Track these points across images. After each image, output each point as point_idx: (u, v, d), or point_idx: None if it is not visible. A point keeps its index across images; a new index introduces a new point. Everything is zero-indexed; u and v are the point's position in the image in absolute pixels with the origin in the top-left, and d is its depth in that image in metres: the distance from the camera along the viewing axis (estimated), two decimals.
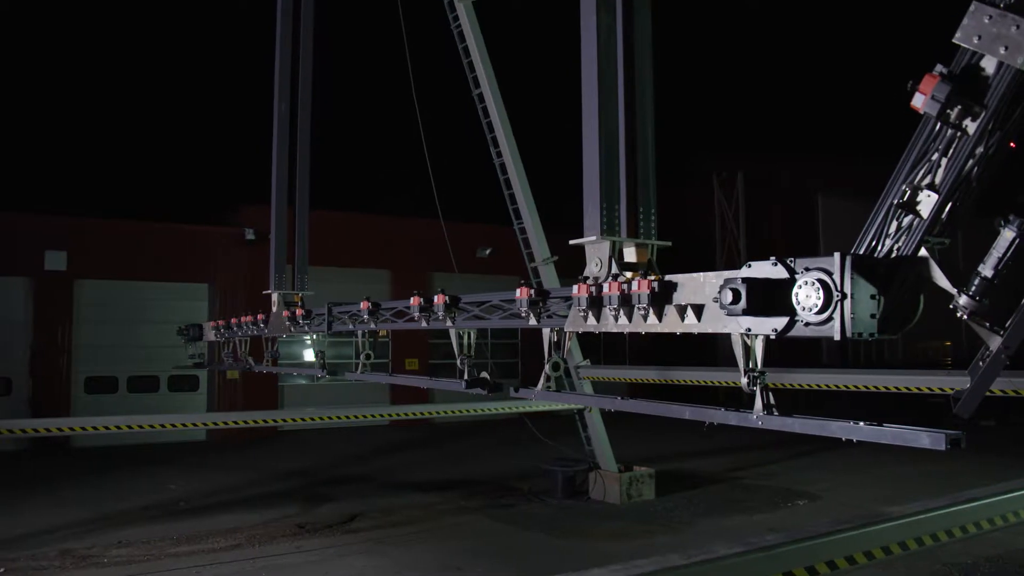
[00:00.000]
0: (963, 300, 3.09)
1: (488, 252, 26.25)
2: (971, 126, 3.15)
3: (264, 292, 10.11)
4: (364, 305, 7.28)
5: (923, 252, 3.25)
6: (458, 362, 6.15)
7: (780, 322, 3.36)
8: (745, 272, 3.53)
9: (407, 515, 12.76)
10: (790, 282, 3.32)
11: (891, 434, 3.30)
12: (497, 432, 21.90)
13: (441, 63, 15.41)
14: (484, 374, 6.02)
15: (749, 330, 3.53)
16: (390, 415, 20.22)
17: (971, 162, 3.17)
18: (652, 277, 4.18)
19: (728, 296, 3.36)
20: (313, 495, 14.35)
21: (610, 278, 4.43)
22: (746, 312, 3.33)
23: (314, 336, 8.86)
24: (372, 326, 7.37)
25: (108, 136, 34.35)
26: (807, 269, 3.27)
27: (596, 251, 4.63)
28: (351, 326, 7.75)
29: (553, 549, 10.94)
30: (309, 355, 22.41)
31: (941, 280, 3.21)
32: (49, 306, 20.54)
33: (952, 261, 3.27)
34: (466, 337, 6.14)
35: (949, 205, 3.24)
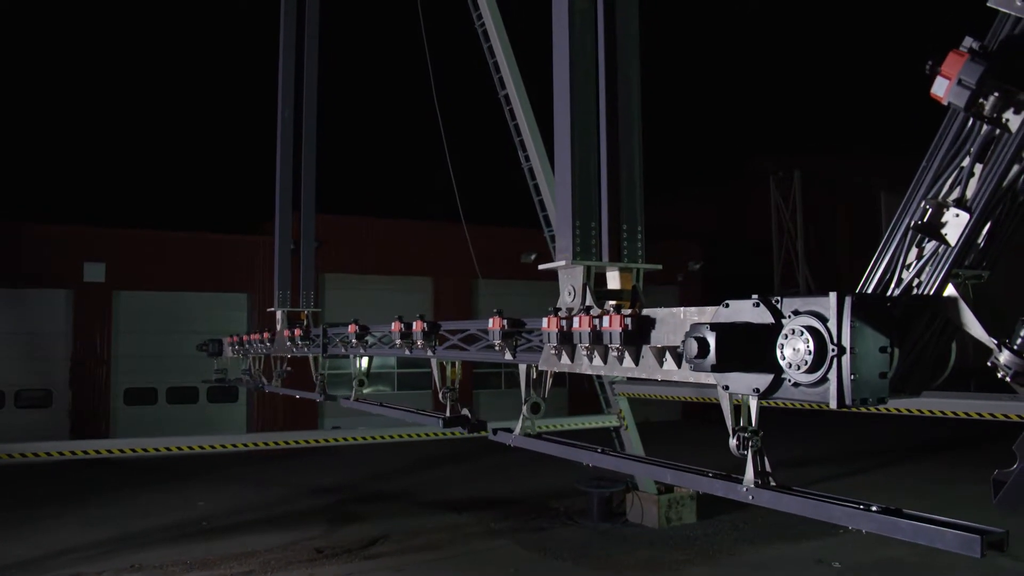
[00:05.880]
0: (1005, 357, 2.27)
1: (533, 257, 25.52)
2: (1014, 120, 2.32)
3: (268, 310, 9.62)
4: (352, 328, 6.67)
5: (951, 290, 2.44)
6: (440, 396, 5.49)
7: (763, 380, 2.60)
8: (722, 314, 2.77)
9: (433, 538, 12.16)
10: (776, 329, 2.56)
11: (910, 528, 2.51)
12: None
13: (466, 64, 14.82)
14: (465, 411, 5.36)
15: (727, 387, 2.77)
16: (423, 435, 19.63)
17: (1015, 168, 2.36)
18: (626, 311, 3.44)
19: (693, 348, 2.60)
20: (340, 514, 13.86)
21: (581, 311, 3.70)
22: (715, 368, 2.58)
23: (312, 357, 8.28)
24: (361, 351, 6.76)
25: (146, 147, 34.75)
26: (796, 313, 2.50)
27: (569, 277, 3.91)
28: (343, 350, 7.16)
29: None
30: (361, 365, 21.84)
31: (974, 328, 2.39)
32: (88, 317, 20.54)
33: (992, 300, 2.47)
34: (449, 368, 5.47)
35: (987, 226, 2.43)
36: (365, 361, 7.16)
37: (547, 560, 11.05)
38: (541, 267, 4.07)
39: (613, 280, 3.99)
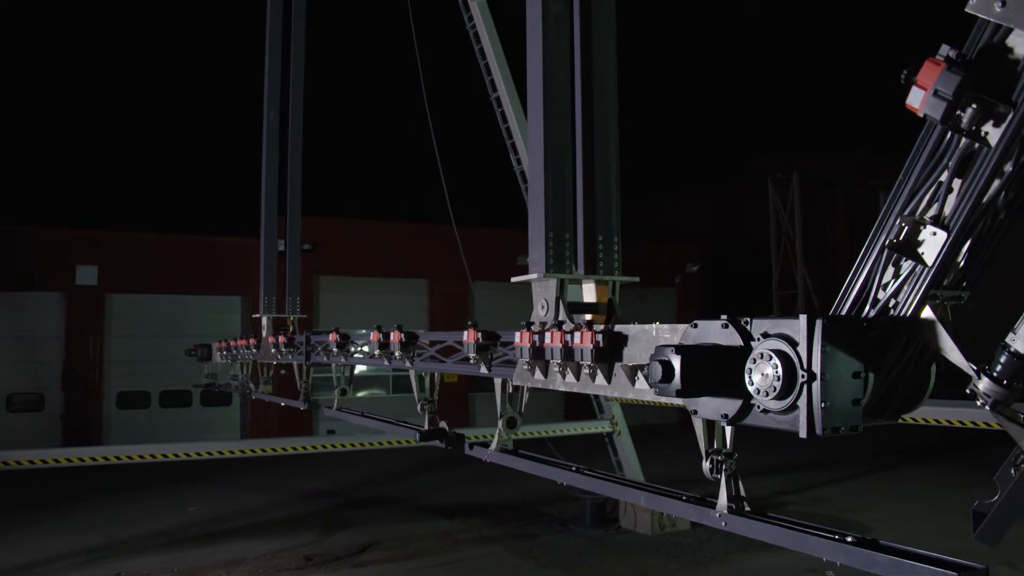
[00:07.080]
0: (984, 384, 2.14)
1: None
2: (994, 133, 2.19)
3: (254, 316, 9.49)
4: (332, 337, 6.56)
5: (928, 312, 2.31)
6: (418, 408, 5.36)
7: (732, 406, 2.47)
8: (691, 335, 2.64)
9: (423, 546, 12.03)
10: (745, 352, 2.43)
11: (887, 563, 2.39)
12: (538, 450, 20.99)
13: (459, 65, 14.69)
14: (443, 424, 5.24)
15: (695, 412, 2.64)
16: (414, 441, 19.53)
17: (996, 184, 2.22)
18: (599, 327, 3.31)
19: (657, 371, 2.47)
20: (331, 520, 13.73)
21: (553, 326, 3.58)
22: (680, 394, 2.45)
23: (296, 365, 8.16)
24: (342, 360, 6.64)
25: (138, 149, 34.57)
26: (765, 335, 2.37)
27: (542, 291, 3.79)
28: (325, 358, 7.05)
29: None
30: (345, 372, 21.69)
31: (952, 353, 2.25)
32: (81, 321, 20.40)
33: (973, 322, 2.34)
34: (427, 379, 5.34)
35: (966, 245, 2.30)
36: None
37: (538, 568, 10.92)
38: (513, 279, 3.95)
39: (589, 293, 3.87)
